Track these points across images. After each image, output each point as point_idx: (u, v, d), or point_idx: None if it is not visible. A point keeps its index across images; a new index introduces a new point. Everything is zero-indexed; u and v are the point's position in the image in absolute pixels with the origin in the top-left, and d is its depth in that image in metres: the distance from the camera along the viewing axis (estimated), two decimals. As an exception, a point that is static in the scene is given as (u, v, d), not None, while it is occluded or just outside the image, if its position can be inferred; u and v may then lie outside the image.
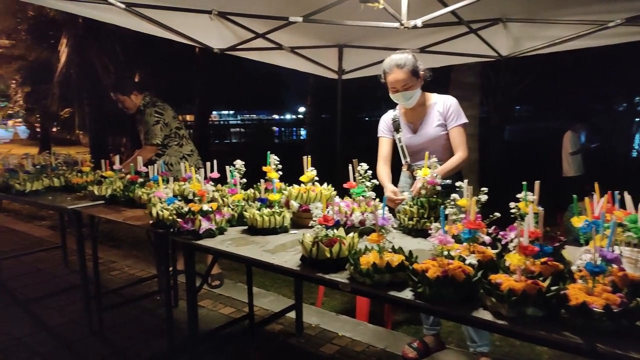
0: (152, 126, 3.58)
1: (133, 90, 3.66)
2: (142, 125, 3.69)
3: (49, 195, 3.28)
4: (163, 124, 3.62)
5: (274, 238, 2.09)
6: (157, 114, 3.61)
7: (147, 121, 3.59)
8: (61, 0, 2.61)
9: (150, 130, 3.58)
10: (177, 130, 3.71)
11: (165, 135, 3.63)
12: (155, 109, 3.62)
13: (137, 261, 4.46)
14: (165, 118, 3.64)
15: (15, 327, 3.09)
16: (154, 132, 3.58)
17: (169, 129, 3.65)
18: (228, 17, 3.02)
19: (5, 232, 5.49)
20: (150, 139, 3.58)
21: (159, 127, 3.60)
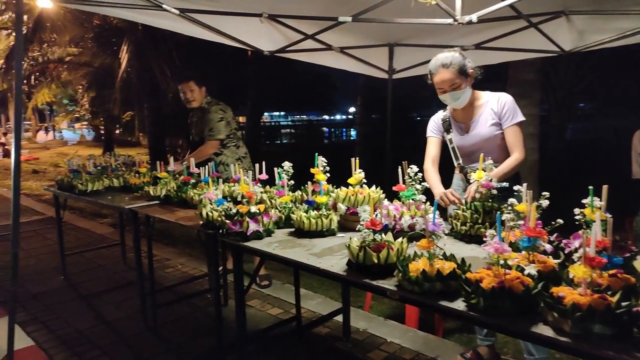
0: (217, 122, 3.66)
1: (202, 85, 3.74)
2: (202, 123, 3.75)
3: (109, 195, 3.43)
4: (226, 122, 3.68)
5: (321, 241, 2.07)
6: (221, 112, 3.70)
7: (212, 118, 3.67)
8: (120, 8, 2.71)
9: (215, 126, 3.66)
10: (235, 131, 3.79)
11: (226, 135, 3.71)
12: (220, 107, 3.72)
13: (190, 259, 4.59)
14: (227, 117, 3.71)
15: (78, 321, 3.26)
16: (218, 128, 3.66)
17: (230, 128, 3.73)
18: (278, 19, 3.03)
19: (71, 229, 5.83)
20: (214, 135, 3.66)
21: (223, 123, 3.67)
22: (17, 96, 2.48)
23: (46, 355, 2.75)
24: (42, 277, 4.18)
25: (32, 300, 3.64)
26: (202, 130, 3.75)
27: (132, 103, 12.21)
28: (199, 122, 3.79)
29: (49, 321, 3.26)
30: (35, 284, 3.99)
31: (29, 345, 2.85)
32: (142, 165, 3.79)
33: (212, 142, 3.67)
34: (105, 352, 2.82)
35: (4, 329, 2.71)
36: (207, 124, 3.69)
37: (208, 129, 3.68)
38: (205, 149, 3.67)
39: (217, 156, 3.73)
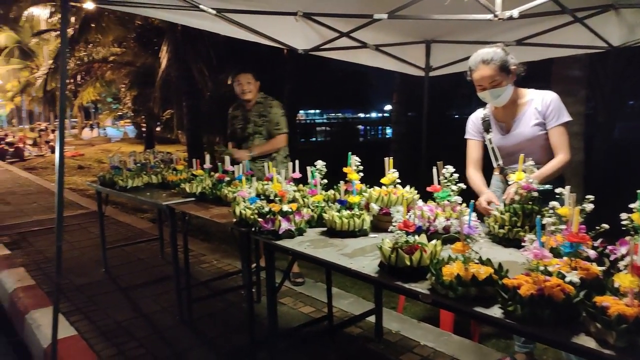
0: (282, 117, 3.71)
1: (258, 81, 3.75)
2: (261, 118, 3.72)
3: (147, 191, 3.53)
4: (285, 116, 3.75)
5: (353, 241, 2.05)
6: (282, 108, 3.77)
7: (276, 112, 3.71)
8: (159, 9, 2.77)
9: (281, 121, 3.71)
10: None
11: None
12: (279, 103, 3.79)
13: (225, 255, 4.67)
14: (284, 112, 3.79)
15: (117, 312, 3.38)
16: (284, 122, 3.71)
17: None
18: (312, 17, 3.02)
19: (112, 224, 6.04)
20: (282, 129, 3.71)
21: (285, 118, 3.73)
22: (61, 95, 2.57)
23: (87, 345, 2.86)
24: (85, 269, 4.35)
25: (75, 291, 3.80)
26: (259, 124, 3.72)
27: (171, 101, 12.52)
28: (256, 117, 3.74)
29: (90, 312, 3.39)
30: (78, 275, 4.15)
31: (72, 334, 2.97)
32: (179, 163, 3.87)
33: (281, 136, 3.71)
34: (142, 345, 2.90)
35: (49, 318, 2.83)
36: (272, 119, 3.71)
37: (274, 123, 3.71)
38: (276, 142, 3.70)
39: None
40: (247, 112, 3.78)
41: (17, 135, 24.57)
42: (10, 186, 10.29)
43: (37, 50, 25.78)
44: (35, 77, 23.96)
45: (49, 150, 20.51)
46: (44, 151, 20.73)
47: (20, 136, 24.08)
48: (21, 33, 24.75)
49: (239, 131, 3.82)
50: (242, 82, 3.67)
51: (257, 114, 3.75)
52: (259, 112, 3.75)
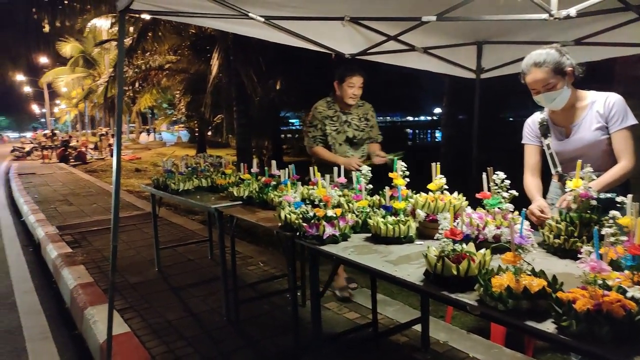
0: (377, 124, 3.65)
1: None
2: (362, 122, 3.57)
3: (198, 194, 3.64)
4: None
5: (398, 248, 2.01)
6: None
7: (374, 116, 3.64)
8: (210, 18, 2.85)
9: (376, 127, 3.64)
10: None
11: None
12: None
13: (271, 258, 4.73)
14: None
15: (168, 311, 3.50)
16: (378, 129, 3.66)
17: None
18: (359, 21, 3.01)
19: (165, 225, 6.28)
20: (379, 135, 3.67)
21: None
22: (118, 102, 2.71)
23: (139, 342, 2.98)
24: (139, 268, 4.54)
25: (130, 289, 3.97)
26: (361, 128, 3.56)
27: (222, 106, 12.89)
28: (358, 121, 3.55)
29: (143, 310, 3.53)
30: (133, 274, 4.34)
31: (126, 331, 3.10)
32: (228, 167, 3.97)
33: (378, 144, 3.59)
34: (191, 344, 2.98)
35: (105, 314, 2.97)
36: (375, 124, 3.64)
37: (377, 128, 3.65)
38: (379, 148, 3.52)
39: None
40: (346, 115, 3.54)
41: (80, 140, 26.15)
42: (73, 188, 10.95)
43: (99, 59, 27.33)
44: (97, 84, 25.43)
45: (109, 153, 21.66)
46: (104, 155, 21.93)
47: (82, 140, 25.62)
48: (85, 43, 26.34)
49: (334, 134, 3.51)
50: (356, 84, 3.41)
51: (358, 117, 3.57)
52: (361, 116, 3.58)
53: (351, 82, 3.39)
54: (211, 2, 2.53)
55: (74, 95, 33.19)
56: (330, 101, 3.57)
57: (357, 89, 3.43)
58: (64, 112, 45.36)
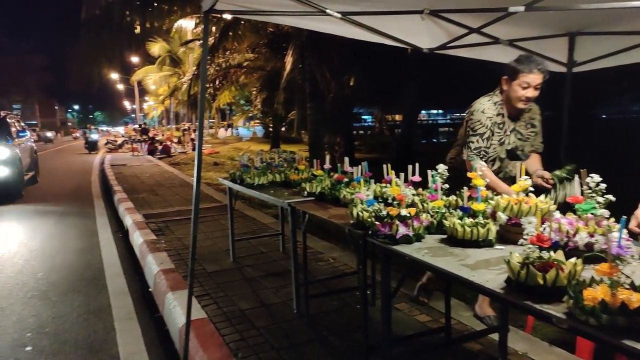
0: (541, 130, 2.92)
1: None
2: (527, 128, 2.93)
3: (272, 189, 3.72)
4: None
5: (476, 252, 1.91)
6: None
7: (540, 120, 2.93)
8: (288, 16, 2.89)
9: (540, 134, 2.94)
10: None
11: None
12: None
13: (342, 255, 4.73)
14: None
15: (242, 300, 3.62)
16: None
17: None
18: (440, 14, 2.90)
19: (240, 217, 6.51)
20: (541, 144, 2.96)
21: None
22: (201, 98, 2.84)
23: (214, 329, 3.11)
24: (216, 257, 4.75)
25: (207, 277, 4.16)
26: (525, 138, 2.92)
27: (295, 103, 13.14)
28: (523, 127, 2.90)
29: (218, 298, 3.68)
30: (210, 263, 4.55)
31: (202, 317, 3.25)
32: (301, 163, 4.02)
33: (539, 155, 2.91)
34: (262, 334, 3.06)
35: (184, 300, 3.14)
36: (539, 131, 2.94)
37: (541, 136, 2.94)
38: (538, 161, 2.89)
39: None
40: (515, 122, 2.87)
41: (165, 134, 27.91)
42: (158, 179, 11.72)
43: (184, 58, 28.95)
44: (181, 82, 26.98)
45: (191, 147, 22.93)
46: (186, 149, 23.25)
47: (167, 135, 27.32)
48: (171, 43, 27.99)
49: (498, 146, 2.85)
50: (532, 84, 2.64)
51: (525, 124, 2.91)
52: (527, 121, 2.91)
53: (526, 81, 2.63)
54: (290, 0, 2.56)
55: (161, 92, 35.49)
56: (499, 102, 2.82)
57: (532, 91, 2.66)
58: (151, 108, 48.73)
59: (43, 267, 5.02)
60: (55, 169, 16.34)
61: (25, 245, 5.96)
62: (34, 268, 4.97)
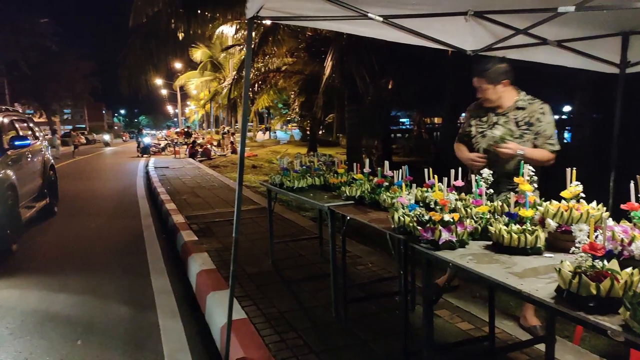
0: (554, 129, 2.98)
1: (503, 79, 3.00)
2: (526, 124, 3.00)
3: (311, 192, 3.75)
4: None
5: (523, 260, 1.85)
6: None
7: (551, 122, 2.96)
8: (329, 21, 2.91)
9: (554, 135, 2.95)
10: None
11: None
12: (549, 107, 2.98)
13: (380, 259, 4.70)
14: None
15: (280, 302, 3.66)
16: (555, 137, 2.95)
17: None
18: (485, 15, 2.84)
19: (279, 220, 6.58)
20: (556, 145, 2.93)
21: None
22: (244, 103, 2.89)
23: (254, 329, 3.15)
24: (255, 259, 4.82)
25: (246, 278, 4.23)
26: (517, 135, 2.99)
27: (334, 106, 13.18)
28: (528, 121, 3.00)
29: (257, 299, 3.73)
30: (249, 264, 4.62)
31: (242, 318, 3.30)
32: (340, 166, 4.03)
33: (552, 155, 2.93)
34: (300, 336, 3.08)
35: (225, 300, 3.20)
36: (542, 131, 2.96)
37: (545, 137, 2.95)
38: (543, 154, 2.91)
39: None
40: (498, 116, 3.10)
41: (206, 137, 28.62)
42: (199, 181, 12.01)
43: (224, 63, 29.62)
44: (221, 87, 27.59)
45: (230, 151, 23.40)
46: (226, 152, 23.74)
47: (208, 138, 28.00)
48: (213, 49, 28.72)
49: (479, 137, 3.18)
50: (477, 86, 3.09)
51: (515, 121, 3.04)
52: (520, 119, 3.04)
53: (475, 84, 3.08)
54: (332, 5, 2.57)
55: (202, 96, 36.46)
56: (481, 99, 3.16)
57: (480, 92, 3.07)
58: (192, 112, 50.12)
59: (91, 264, 5.24)
60: (106, 169, 17.03)
61: (74, 240, 6.25)
62: (82, 265, 5.20)
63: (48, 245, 6.18)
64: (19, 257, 5.53)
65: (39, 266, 5.23)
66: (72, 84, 47.65)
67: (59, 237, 6.64)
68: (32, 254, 5.73)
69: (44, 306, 4.03)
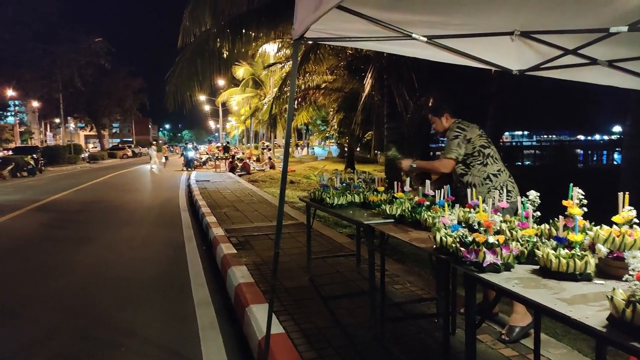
0: (450, 140, 3.58)
1: (444, 113, 3.72)
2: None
3: (350, 209, 3.76)
4: (463, 139, 3.54)
5: (572, 285, 1.80)
6: (458, 130, 3.58)
7: (448, 136, 3.63)
8: (373, 41, 2.95)
9: (447, 144, 3.60)
10: (481, 149, 3.54)
11: (467, 153, 3.55)
12: (458, 125, 3.61)
13: (418, 279, 4.63)
14: (467, 134, 3.55)
15: (318, 319, 3.66)
16: (449, 146, 3.57)
17: (472, 146, 3.54)
18: (532, 35, 2.81)
19: (316, 235, 6.60)
20: (444, 153, 3.61)
21: (457, 142, 3.55)
22: (288, 120, 2.96)
23: (292, 345, 3.17)
24: (293, 274, 4.85)
25: (284, 293, 4.26)
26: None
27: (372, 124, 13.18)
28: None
29: (295, 314, 3.75)
30: (287, 279, 4.66)
31: (280, 332, 3.32)
32: (380, 184, 4.03)
33: (442, 159, 3.61)
34: (338, 353, 3.07)
35: (263, 314, 3.24)
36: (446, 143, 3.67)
37: (446, 148, 3.65)
38: (435, 163, 3.74)
39: (462, 177, 3.60)
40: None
41: (245, 153, 29.21)
42: (239, 195, 12.25)
43: (265, 80, 30.30)
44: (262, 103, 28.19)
45: (269, 166, 23.76)
46: (264, 166, 24.12)
47: (247, 153, 28.56)
48: (255, 66, 29.48)
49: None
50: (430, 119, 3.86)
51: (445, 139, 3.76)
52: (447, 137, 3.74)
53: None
54: (376, 26, 2.62)
55: (243, 112, 37.34)
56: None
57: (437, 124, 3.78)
58: (233, 127, 51.35)
59: (136, 273, 5.43)
60: (150, 181, 17.65)
61: (121, 249, 6.50)
62: (128, 274, 5.40)
63: (96, 254, 6.45)
64: (61, 266, 5.80)
65: (85, 272, 5.47)
66: (122, 99, 50.22)
67: (106, 245, 6.93)
68: (75, 263, 6.00)
69: (90, 311, 4.20)
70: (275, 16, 9.72)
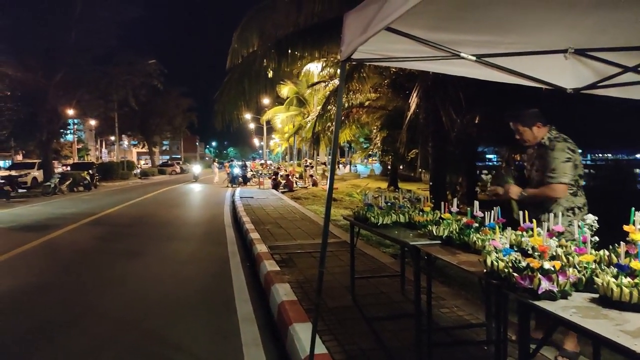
0: (563, 163, 3.19)
1: (536, 122, 3.39)
2: (540, 159, 3.38)
3: (395, 229, 3.71)
4: (573, 164, 3.23)
5: (636, 317, 1.68)
6: (569, 151, 3.24)
7: (557, 157, 3.22)
8: (421, 61, 2.94)
9: (560, 167, 3.19)
10: (579, 177, 3.29)
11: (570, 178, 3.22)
12: (568, 145, 3.26)
13: (466, 303, 4.48)
14: (576, 159, 3.26)
15: (362, 340, 3.61)
16: (563, 169, 3.18)
17: (577, 173, 3.26)
18: (587, 53, 2.71)
19: (359, 255, 6.54)
20: (558, 177, 3.19)
21: (570, 165, 3.20)
22: (334, 139, 2.99)
23: (335, 366, 3.14)
24: (336, 293, 4.82)
25: (327, 312, 4.24)
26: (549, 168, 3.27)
27: (417, 142, 13.04)
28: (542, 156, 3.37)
29: (339, 334, 3.72)
30: (330, 298, 4.63)
31: (324, 352, 3.30)
32: (426, 204, 3.96)
33: (556, 185, 3.19)
34: (383, 377, 3.00)
35: (306, 332, 3.23)
36: (549, 163, 3.25)
37: (550, 169, 3.23)
38: (548, 191, 3.23)
39: (547, 203, 3.28)
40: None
41: (289, 170, 29.56)
42: (282, 212, 12.38)
43: (309, 98, 30.73)
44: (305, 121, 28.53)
45: (311, 183, 23.91)
46: (307, 184, 24.30)
47: (290, 170, 28.89)
48: (299, 85, 29.98)
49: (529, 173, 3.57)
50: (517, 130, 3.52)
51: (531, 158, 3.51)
52: (533, 155, 3.49)
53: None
54: (424, 46, 2.62)
55: (286, 130, 37.93)
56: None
57: (527, 134, 3.45)
58: (277, 145, 52.23)
59: (183, 287, 5.57)
60: (197, 198, 18.19)
61: (167, 264, 6.70)
62: (176, 288, 5.54)
63: (146, 268, 6.69)
64: (114, 280, 6.04)
65: (136, 286, 5.67)
66: (173, 118, 52.46)
67: (156, 260, 7.17)
68: (127, 277, 6.23)
69: (140, 324, 4.34)
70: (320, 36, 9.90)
